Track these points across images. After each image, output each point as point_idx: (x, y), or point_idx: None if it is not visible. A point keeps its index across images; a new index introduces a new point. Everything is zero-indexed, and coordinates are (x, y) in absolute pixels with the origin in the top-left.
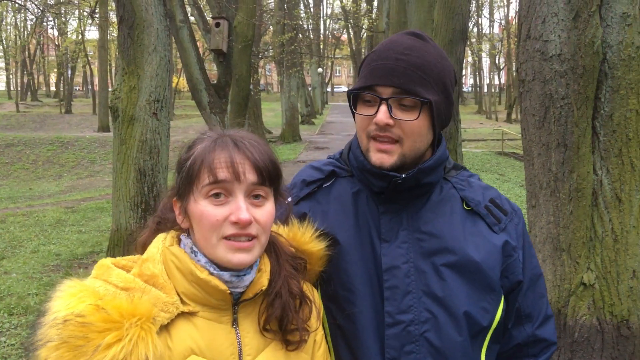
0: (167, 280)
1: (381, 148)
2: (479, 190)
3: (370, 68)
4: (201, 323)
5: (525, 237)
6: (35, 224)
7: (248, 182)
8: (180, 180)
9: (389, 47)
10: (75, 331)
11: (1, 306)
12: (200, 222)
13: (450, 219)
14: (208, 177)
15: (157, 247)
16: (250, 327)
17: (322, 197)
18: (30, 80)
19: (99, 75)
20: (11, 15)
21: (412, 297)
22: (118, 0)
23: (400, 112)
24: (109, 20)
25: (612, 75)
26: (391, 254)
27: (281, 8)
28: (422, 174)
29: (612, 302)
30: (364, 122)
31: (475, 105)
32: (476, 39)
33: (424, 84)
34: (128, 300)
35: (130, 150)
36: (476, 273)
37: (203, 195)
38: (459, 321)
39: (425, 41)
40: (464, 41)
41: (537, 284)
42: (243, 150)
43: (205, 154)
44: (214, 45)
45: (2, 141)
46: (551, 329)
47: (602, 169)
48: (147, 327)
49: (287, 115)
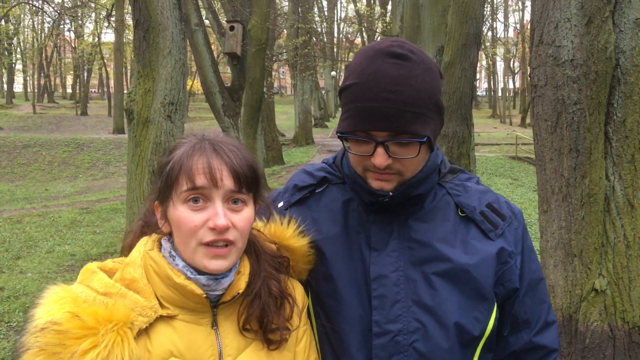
0: (146, 285)
1: (381, 178)
2: (476, 195)
3: (358, 109)
4: (180, 326)
5: (525, 242)
6: (51, 225)
7: (226, 189)
8: (161, 185)
9: (374, 82)
10: (53, 339)
11: (16, 305)
12: (179, 227)
13: (442, 227)
14: (186, 183)
15: (138, 250)
16: (230, 328)
17: (313, 203)
18: (47, 82)
19: (114, 77)
20: (29, 18)
21: (400, 306)
22: (134, 4)
23: (398, 149)
24: (125, 24)
25: (624, 81)
26: (380, 262)
27: (295, 11)
28: (410, 189)
29: (623, 308)
30: (359, 159)
31: (489, 110)
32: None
33: (419, 119)
34: (104, 306)
35: (145, 152)
36: (468, 282)
37: (182, 200)
38: (449, 331)
39: (409, 61)
40: (478, 45)
41: (536, 289)
42: (221, 155)
43: (184, 159)
44: (228, 49)
45: (19, 142)
46: (552, 335)
47: (614, 174)
48: (123, 332)
49: (300, 119)
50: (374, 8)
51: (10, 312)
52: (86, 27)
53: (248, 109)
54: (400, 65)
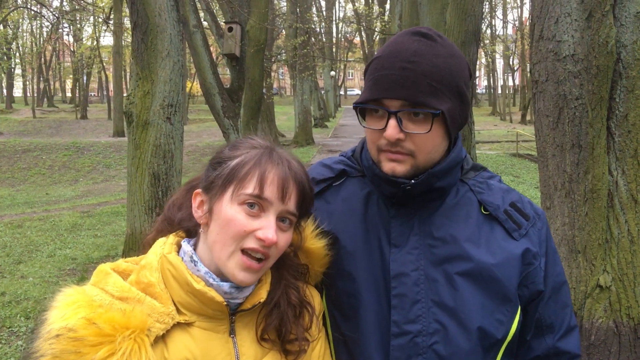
0: (163, 290)
1: (392, 157)
2: (499, 194)
3: (375, 78)
4: (197, 333)
5: (549, 243)
6: (52, 229)
7: (287, 207)
8: (216, 176)
9: (394, 54)
10: (68, 346)
11: (18, 310)
12: (226, 225)
13: (465, 225)
14: (254, 187)
15: (155, 253)
16: (247, 336)
17: (330, 197)
18: (46, 86)
19: (113, 80)
20: (27, 22)
21: (421, 307)
22: (132, 6)
23: (411, 124)
24: (123, 27)
25: (626, 75)
26: (400, 259)
27: (293, 12)
28: (434, 179)
29: (628, 305)
30: (374, 135)
31: (489, 107)
32: (489, 40)
33: (434, 93)
34: (121, 313)
35: (145, 155)
36: (491, 282)
37: (239, 200)
38: (470, 334)
39: (433, 41)
40: (477, 43)
41: (560, 293)
42: (295, 173)
43: (259, 162)
44: (227, 50)
45: (19, 147)
46: (575, 340)
47: (617, 169)
48: (140, 339)
49: (300, 119)
50: (373, 7)
51: (11, 317)
52: (85, 30)
53: (247, 110)
54: (423, 42)
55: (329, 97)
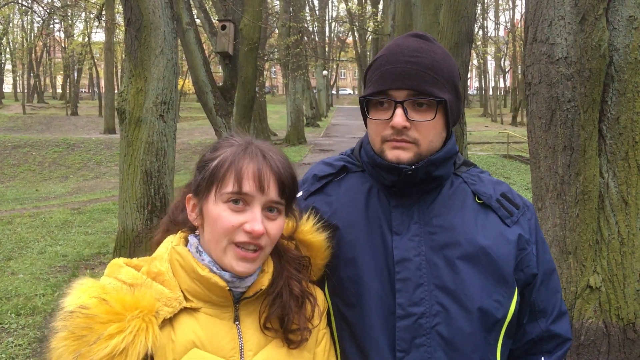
0: (172, 278)
1: (397, 145)
2: (490, 185)
3: (381, 72)
4: (203, 318)
5: (538, 232)
6: (42, 225)
7: (269, 197)
8: (201, 179)
9: (397, 51)
10: (80, 322)
11: (9, 307)
12: (214, 224)
13: (461, 212)
14: (233, 185)
15: (165, 247)
16: (251, 324)
17: (332, 190)
18: (36, 82)
19: (105, 77)
20: (18, 17)
21: (423, 290)
22: (126, 3)
23: (416, 113)
24: (115, 23)
25: (618, 79)
26: (403, 246)
27: (287, 11)
28: (432, 166)
29: (618, 305)
30: (379, 126)
31: (480, 108)
32: (481, 42)
33: (436, 84)
34: (131, 293)
35: (137, 152)
36: (489, 265)
37: (223, 199)
38: (471, 314)
39: (430, 42)
40: (470, 44)
41: (550, 279)
42: (270, 164)
43: (234, 160)
44: (220, 48)
45: (9, 143)
46: (566, 324)
47: (608, 171)
48: (148, 319)
49: (292, 118)
50: (366, 7)
51: (2, 313)
52: (76, 26)
53: (240, 109)
54: (422, 42)
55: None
